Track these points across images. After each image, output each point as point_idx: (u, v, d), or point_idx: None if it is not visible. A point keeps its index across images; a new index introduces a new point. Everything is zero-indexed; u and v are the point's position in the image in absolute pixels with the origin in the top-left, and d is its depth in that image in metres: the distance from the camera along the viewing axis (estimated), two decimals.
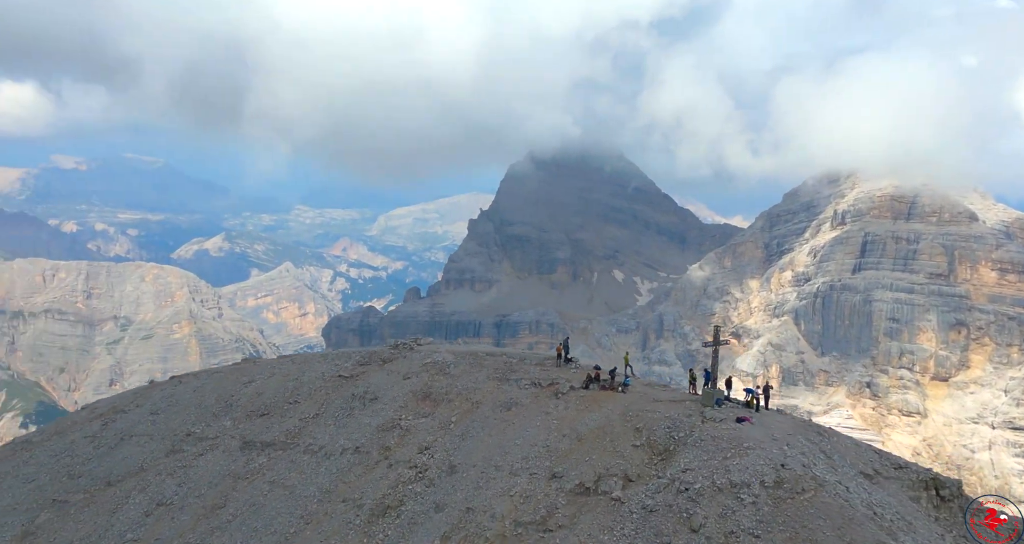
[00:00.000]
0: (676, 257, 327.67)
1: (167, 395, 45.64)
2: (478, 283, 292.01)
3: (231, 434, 38.16)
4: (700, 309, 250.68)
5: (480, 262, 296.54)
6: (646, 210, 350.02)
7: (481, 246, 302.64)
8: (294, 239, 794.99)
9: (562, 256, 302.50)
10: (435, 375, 37.30)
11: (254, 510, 32.22)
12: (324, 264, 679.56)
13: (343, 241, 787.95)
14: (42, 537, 35.99)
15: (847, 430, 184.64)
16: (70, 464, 41.04)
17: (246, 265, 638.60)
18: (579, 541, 24.10)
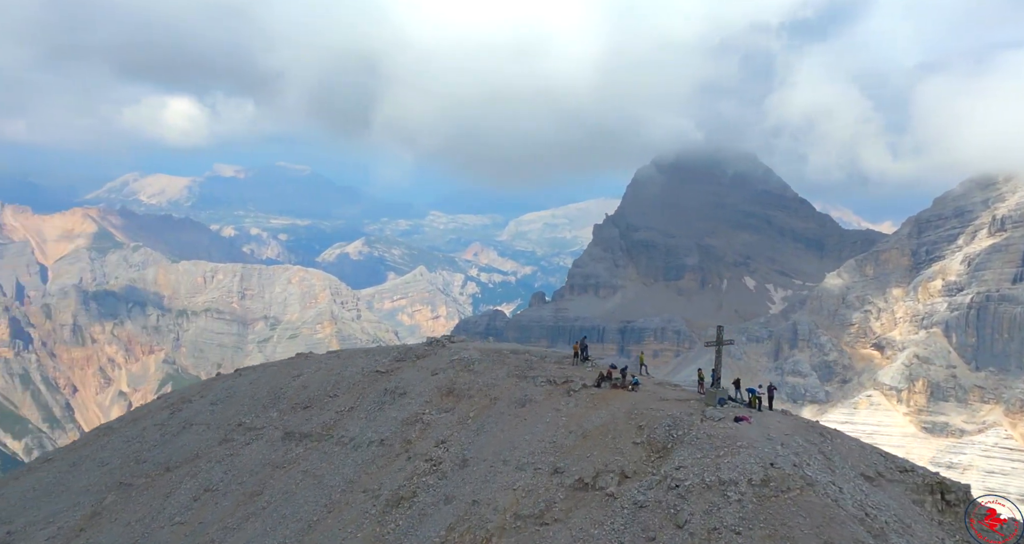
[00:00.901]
0: (813, 264, 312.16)
1: (227, 386, 49.06)
2: (602, 288, 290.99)
3: (276, 425, 40.50)
4: (838, 319, 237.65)
5: (605, 267, 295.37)
6: (781, 215, 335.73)
7: (606, 251, 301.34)
8: (428, 244, 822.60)
9: (690, 262, 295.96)
10: (460, 371, 38.39)
11: (286, 498, 34.07)
12: (456, 268, 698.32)
13: (474, 246, 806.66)
14: (106, 517, 38.82)
15: (1005, 450, 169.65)
16: (138, 449, 44.73)
17: (383, 269, 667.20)
18: (571, 535, 24.64)
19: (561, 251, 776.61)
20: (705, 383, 33.29)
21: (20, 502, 43.98)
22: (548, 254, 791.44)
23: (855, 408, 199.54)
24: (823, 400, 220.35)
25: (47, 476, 46.23)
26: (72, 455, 48.64)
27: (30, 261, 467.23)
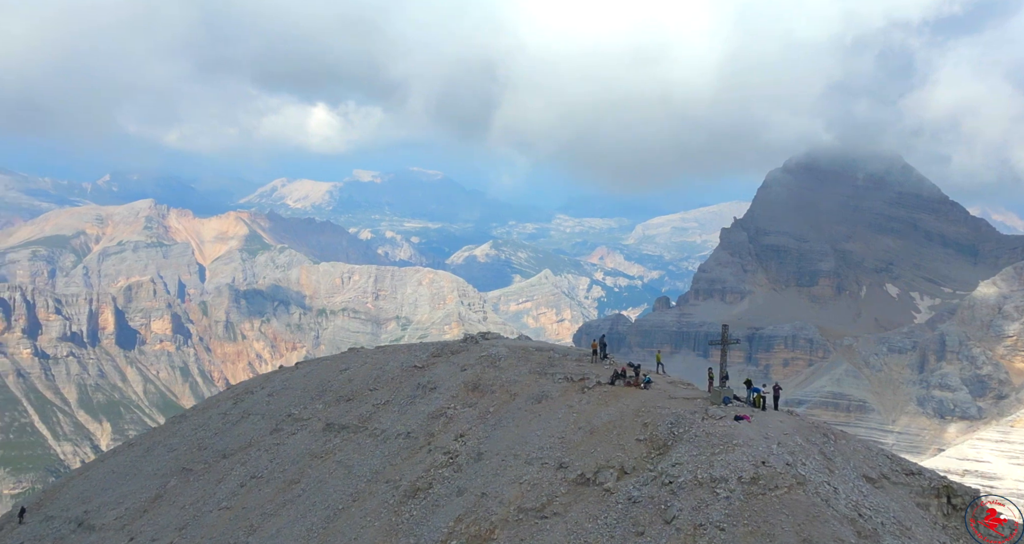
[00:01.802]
0: (965, 271, 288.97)
1: (285, 379, 51.57)
2: (729, 294, 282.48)
3: (319, 416, 42.28)
4: (993, 330, 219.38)
5: (732, 272, 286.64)
6: (928, 218, 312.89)
7: (733, 256, 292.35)
8: (554, 247, 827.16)
9: (825, 267, 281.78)
10: (486, 367, 39.33)
11: (319, 486, 35.75)
12: (581, 272, 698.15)
13: (600, 249, 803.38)
14: (166, 500, 41.41)
15: None
16: (202, 437, 47.46)
17: (510, 271, 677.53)
18: (566, 528, 25.43)
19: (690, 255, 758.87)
20: (715, 383, 33.29)
21: (100, 483, 48.16)
22: (676, 258, 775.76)
23: (1012, 426, 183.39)
24: (975, 416, 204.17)
25: (126, 460, 50.60)
26: (148, 440, 53.00)
27: (190, 261, 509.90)
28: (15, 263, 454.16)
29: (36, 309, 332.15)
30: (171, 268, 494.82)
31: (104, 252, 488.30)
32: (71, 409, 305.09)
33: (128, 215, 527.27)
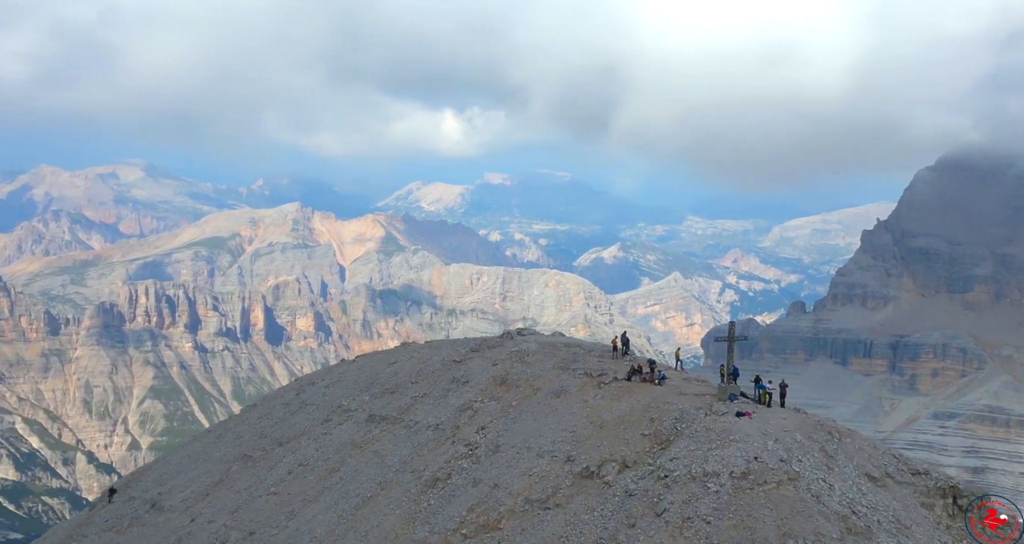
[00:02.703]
0: None
1: (341, 371, 53.54)
2: (871, 299, 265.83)
3: (365, 408, 43.96)
4: None
5: (874, 276, 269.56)
6: None
7: (876, 259, 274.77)
8: (685, 249, 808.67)
9: (981, 272, 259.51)
10: (515, 363, 40.02)
11: (353, 475, 37.40)
12: (713, 275, 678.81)
13: (734, 252, 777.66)
14: (226, 484, 43.82)
15: None
16: (264, 425, 49.98)
17: (638, 274, 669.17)
18: (565, 519, 26.02)
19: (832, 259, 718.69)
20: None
21: (176, 467, 51.96)
22: (817, 262, 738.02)
23: None
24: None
25: (200, 445, 54.17)
26: (222, 428, 56.40)
27: (332, 262, 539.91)
28: (180, 263, 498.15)
29: (196, 306, 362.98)
30: (315, 268, 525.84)
31: (256, 253, 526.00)
32: (226, 400, 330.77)
33: (277, 218, 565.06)
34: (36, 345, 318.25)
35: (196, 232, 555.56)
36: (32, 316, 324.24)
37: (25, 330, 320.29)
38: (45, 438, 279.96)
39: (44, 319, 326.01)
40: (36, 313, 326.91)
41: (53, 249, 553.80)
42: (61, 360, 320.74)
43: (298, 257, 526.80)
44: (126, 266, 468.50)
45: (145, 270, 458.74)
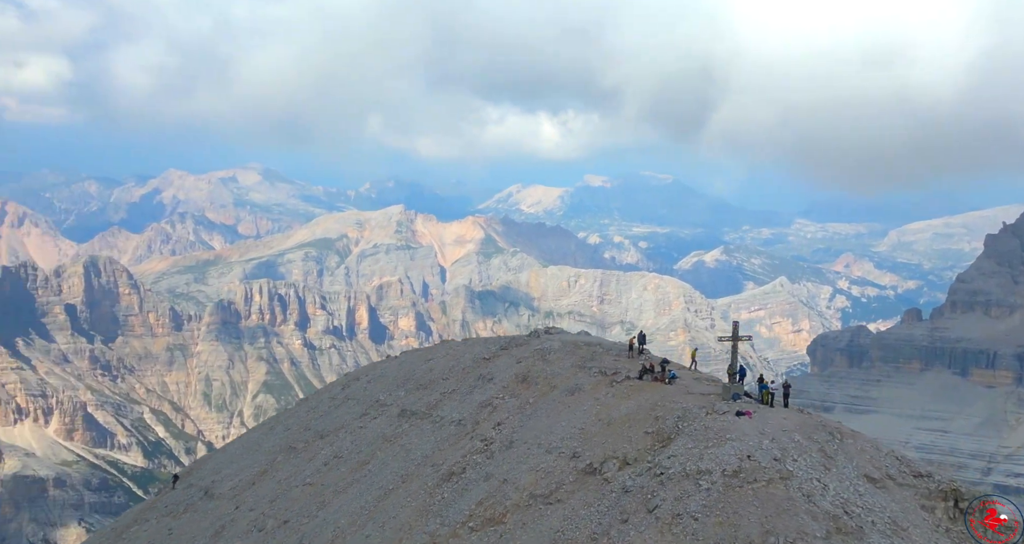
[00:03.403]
0: None
1: (384, 367, 54.74)
2: (995, 307, 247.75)
3: (399, 403, 44.94)
4: None
5: (999, 283, 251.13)
6: None
7: (1001, 265, 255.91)
8: (792, 253, 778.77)
9: None
10: (537, 361, 40.32)
11: (381, 467, 38.47)
12: (823, 280, 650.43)
13: (846, 257, 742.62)
14: (269, 475, 45.39)
15: None
16: (310, 418, 51.41)
17: (741, 278, 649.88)
18: (564, 513, 26.62)
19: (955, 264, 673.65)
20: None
21: (231, 457, 54.10)
22: (938, 268, 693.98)
23: None
24: None
25: (255, 436, 56.22)
26: (274, 420, 58.45)
27: (433, 263, 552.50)
28: (291, 263, 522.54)
29: (306, 304, 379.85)
30: (417, 269, 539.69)
31: (362, 254, 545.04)
32: None
33: (382, 220, 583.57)
34: (162, 340, 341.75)
35: (307, 233, 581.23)
36: (159, 312, 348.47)
37: (152, 326, 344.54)
38: (170, 428, 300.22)
39: (169, 315, 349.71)
40: (162, 310, 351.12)
41: (179, 249, 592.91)
42: (184, 354, 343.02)
43: (401, 258, 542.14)
44: (243, 266, 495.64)
45: (260, 269, 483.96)
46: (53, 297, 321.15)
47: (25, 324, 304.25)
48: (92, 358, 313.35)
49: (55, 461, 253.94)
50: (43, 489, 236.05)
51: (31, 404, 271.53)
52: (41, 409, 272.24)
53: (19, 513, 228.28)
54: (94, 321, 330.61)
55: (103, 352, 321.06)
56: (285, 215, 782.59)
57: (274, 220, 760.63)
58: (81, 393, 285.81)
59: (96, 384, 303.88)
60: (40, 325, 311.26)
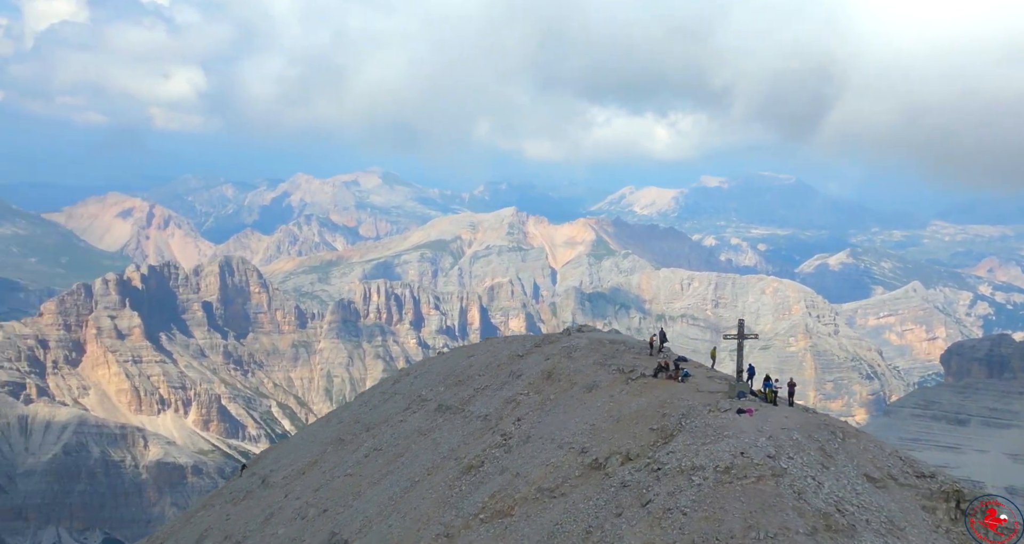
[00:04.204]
0: None
1: (432, 363, 56.03)
2: None
3: (437, 398, 45.77)
4: None
5: None
6: None
7: None
8: (927, 257, 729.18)
9: None
10: (562, 358, 40.94)
11: (412, 460, 39.28)
12: (962, 285, 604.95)
13: (989, 261, 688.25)
14: (318, 465, 47.04)
15: None
16: (361, 412, 53.15)
17: (869, 282, 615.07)
18: (564, 507, 27.24)
19: None
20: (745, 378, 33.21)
21: (290, 447, 56.65)
22: None
23: None
24: None
25: (314, 428, 58.56)
26: (332, 413, 60.72)
27: (544, 265, 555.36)
28: (408, 264, 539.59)
29: (421, 305, 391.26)
30: (528, 271, 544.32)
31: (475, 255, 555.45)
32: None
33: (495, 222, 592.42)
34: (288, 337, 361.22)
35: (423, 235, 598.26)
36: (285, 310, 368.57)
37: (279, 323, 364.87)
38: (295, 422, 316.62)
39: (295, 313, 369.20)
40: (288, 308, 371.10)
41: (305, 250, 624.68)
42: (308, 351, 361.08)
43: (512, 260, 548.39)
44: (363, 266, 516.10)
45: (378, 270, 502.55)
46: (192, 295, 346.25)
47: (168, 320, 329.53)
48: (226, 353, 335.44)
49: (193, 450, 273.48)
50: (183, 476, 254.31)
51: (172, 395, 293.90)
52: (181, 400, 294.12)
53: (162, 498, 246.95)
54: (228, 318, 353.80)
55: (235, 348, 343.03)
56: (403, 217, 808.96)
57: (392, 222, 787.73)
58: (216, 386, 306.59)
59: (229, 378, 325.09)
60: (180, 321, 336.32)
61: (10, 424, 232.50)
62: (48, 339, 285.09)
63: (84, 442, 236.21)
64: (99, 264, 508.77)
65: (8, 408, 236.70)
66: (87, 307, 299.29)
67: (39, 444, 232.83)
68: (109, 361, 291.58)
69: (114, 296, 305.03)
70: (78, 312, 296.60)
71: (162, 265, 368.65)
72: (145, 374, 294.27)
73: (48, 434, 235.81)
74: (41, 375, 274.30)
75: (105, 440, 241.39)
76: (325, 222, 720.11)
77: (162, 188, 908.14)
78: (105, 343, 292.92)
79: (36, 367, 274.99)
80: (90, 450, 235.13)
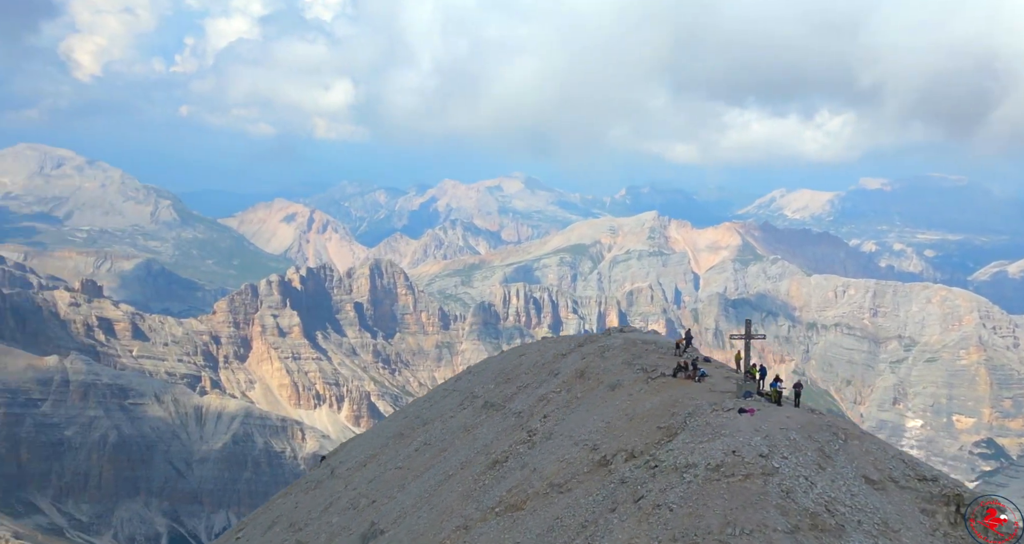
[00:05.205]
0: None
1: (490, 361, 57.39)
2: None
3: (486, 395, 46.78)
4: None
5: None
6: None
7: None
8: None
9: None
10: (596, 358, 41.56)
11: (452, 454, 40.17)
12: None
13: None
14: (377, 458, 48.43)
15: None
16: (423, 408, 54.45)
17: None
18: (567, 502, 27.52)
19: None
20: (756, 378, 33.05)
21: (362, 441, 58.40)
22: None
23: None
24: None
25: (384, 423, 60.23)
26: (402, 409, 62.44)
27: (686, 270, 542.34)
28: (547, 267, 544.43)
29: (559, 308, 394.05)
30: (669, 276, 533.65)
31: (614, 260, 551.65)
32: None
33: (635, 226, 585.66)
34: (432, 338, 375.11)
35: (562, 239, 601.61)
36: (430, 312, 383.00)
37: (424, 324, 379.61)
38: None
39: (438, 315, 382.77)
40: (432, 310, 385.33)
41: (449, 253, 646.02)
42: (450, 352, 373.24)
43: (653, 264, 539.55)
44: (503, 270, 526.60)
45: (518, 274, 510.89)
46: (345, 296, 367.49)
47: (323, 319, 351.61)
48: (375, 352, 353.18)
49: None
50: None
51: (327, 391, 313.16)
52: (335, 396, 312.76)
53: None
54: (377, 318, 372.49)
55: (384, 347, 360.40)
56: (544, 221, 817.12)
57: (533, 226, 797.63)
58: (366, 384, 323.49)
59: (378, 376, 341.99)
60: (335, 320, 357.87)
61: (188, 414, 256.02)
62: (220, 335, 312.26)
63: (250, 433, 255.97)
64: (266, 266, 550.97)
65: (187, 399, 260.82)
66: (253, 306, 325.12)
67: (212, 433, 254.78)
68: (272, 357, 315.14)
69: (276, 296, 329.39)
70: (245, 311, 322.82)
71: (318, 267, 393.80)
72: (303, 370, 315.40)
73: (219, 424, 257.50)
74: (214, 369, 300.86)
75: (268, 431, 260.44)
76: (469, 226, 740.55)
77: (322, 194, 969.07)
78: (268, 340, 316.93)
79: (210, 361, 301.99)
80: (255, 441, 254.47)
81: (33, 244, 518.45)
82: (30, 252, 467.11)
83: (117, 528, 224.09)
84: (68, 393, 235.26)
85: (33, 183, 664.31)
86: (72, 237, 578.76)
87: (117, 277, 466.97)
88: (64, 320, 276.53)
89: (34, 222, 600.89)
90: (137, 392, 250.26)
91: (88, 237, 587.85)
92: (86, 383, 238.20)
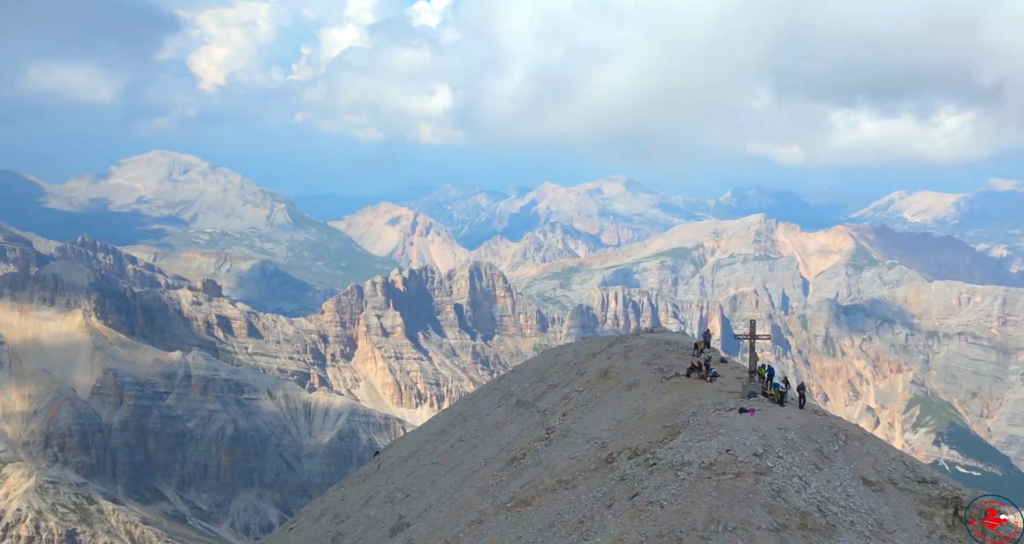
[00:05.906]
0: None
1: (531, 361, 57.94)
2: None
3: (520, 394, 47.35)
4: None
5: None
6: None
7: None
8: None
9: None
10: (619, 358, 41.74)
11: (480, 450, 41.07)
12: None
13: None
14: (419, 453, 49.26)
15: None
16: (465, 406, 55.57)
17: None
18: (569, 498, 27.70)
19: None
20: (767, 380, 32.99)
21: (411, 437, 59.52)
22: None
23: None
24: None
25: (432, 420, 61.26)
26: (452, 407, 62.58)
27: (795, 275, 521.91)
28: (647, 271, 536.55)
29: (658, 312, 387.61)
30: (775, 280, 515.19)
31: (718, 263, 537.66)
32: None
33: (740, 229, 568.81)
34: (529, 340, 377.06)
35: (663, 242, 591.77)
36: (527, 314, 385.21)
37: (522, 326, 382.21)
38: None
39: (536, 317, 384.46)
40: (530, 312, 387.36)
41: (548, 256, 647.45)
42: None
43: (759, 269, 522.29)
44: (602, 273, 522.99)
45: (617, 277, 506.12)
46: (445, 297, 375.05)
47: (424, 320, 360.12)
48: (474, 353, 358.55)
49: None
50: None
51: (428, 391, 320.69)
52: (435, 396, 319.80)
53: None
54: (476, 320, 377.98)
55: (483, 348, 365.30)
56: (645, 224, 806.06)
57: (634, 229, 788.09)
58: (466, 384, 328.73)
59: (477, 377, 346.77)
60: (435, 321, 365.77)
61: (298, 410, 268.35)
62: (328, 334, 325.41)
63: (355, 429, 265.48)
64: (371, 268, 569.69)
65: (297, 395, 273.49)
66: (359, 306, 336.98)
67: (319, 428, 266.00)
68: (376, 356, 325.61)
69: (380, 297, 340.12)
70: (351, 311, 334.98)
71: (420, 269, 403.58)
72: (405, 370, 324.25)
73: (327, 420, 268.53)
74: (322, 366, 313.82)
75: (372, 428, 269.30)
76: (568, 229, 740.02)
77: (425, 198, 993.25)
78: (372, 340, 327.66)
79: (318, 359, 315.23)
80: (359, 437, 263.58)
81: (162, 245, 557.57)
82: (159, 253, 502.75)
83: (234, 517, 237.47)
84: (190, 387, 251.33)
85: (163, 188, 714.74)
86: (196, 239, 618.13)
87: (235, 277, 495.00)
88: (187, 318, 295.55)
89: (163, 225, 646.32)
90: (252, 387, 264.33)
91: (211, 239, 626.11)
92: (206, 378, 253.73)
